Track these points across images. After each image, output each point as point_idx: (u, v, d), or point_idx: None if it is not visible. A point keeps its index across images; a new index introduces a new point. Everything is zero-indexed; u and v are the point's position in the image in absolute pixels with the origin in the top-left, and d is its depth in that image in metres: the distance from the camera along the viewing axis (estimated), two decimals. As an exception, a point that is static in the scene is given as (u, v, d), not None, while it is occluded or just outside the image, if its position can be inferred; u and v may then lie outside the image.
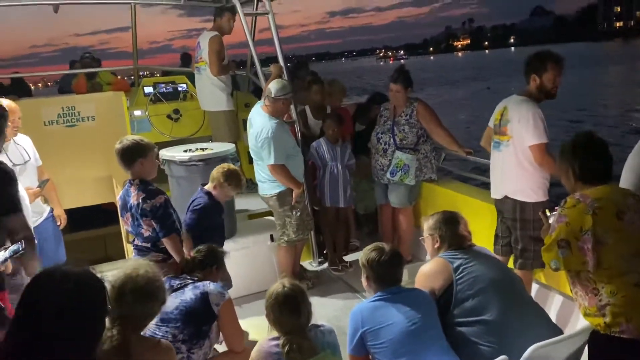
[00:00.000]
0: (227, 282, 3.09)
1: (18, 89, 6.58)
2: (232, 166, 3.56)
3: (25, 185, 3.44)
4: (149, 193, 3.00)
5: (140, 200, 2.98)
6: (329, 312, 3.75)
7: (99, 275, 1.49)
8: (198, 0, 6.23)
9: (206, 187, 3.51)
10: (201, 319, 2.56)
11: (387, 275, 2.40)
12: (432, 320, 2.34)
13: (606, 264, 1.99)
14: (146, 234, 3.07)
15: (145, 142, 3.08)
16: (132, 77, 6.98)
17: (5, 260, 2.12)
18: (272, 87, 3.99)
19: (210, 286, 2.64)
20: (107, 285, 1.53)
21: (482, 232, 3.52)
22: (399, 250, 2.56)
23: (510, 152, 3.26)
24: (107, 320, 1.57)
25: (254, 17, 5.66)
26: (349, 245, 4.90)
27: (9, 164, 3.43)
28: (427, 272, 2.52)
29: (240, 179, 3.50)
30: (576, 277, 2.09)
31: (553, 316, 3.18)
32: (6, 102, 3.42)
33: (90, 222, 6.35)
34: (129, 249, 4.34)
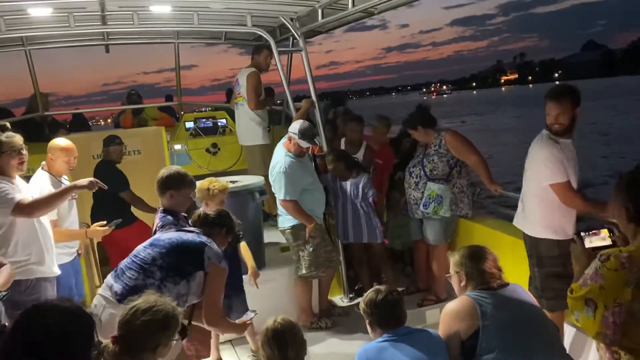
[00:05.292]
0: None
1: (77, 125, 6.94)
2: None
3: (73, 217, 3.65)
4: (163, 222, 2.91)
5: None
6: (346, 349, 3.63)
7: (87, 310, 1.53)
8: (238, 39, 6.47)
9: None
10: (186, 259, 2.56)
11: (387, 316, 2.34)
12: None
13: (631, 338, 1.77)
14: None
15: (182, 176, 2.97)
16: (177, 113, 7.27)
17: None
18: (294, 125, 4.03)
19: (212, 244, 2.66)
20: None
21: (522, 272, 3.36)
22: (397, 289, 2.49)
23: (529, 187, 3.22)
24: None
25: (289, 55, 5.82)
26: (380, 281, 4.80)
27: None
28: (452, 312, 2.39)
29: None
30: None
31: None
32: (66, 142, 3.57)
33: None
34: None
